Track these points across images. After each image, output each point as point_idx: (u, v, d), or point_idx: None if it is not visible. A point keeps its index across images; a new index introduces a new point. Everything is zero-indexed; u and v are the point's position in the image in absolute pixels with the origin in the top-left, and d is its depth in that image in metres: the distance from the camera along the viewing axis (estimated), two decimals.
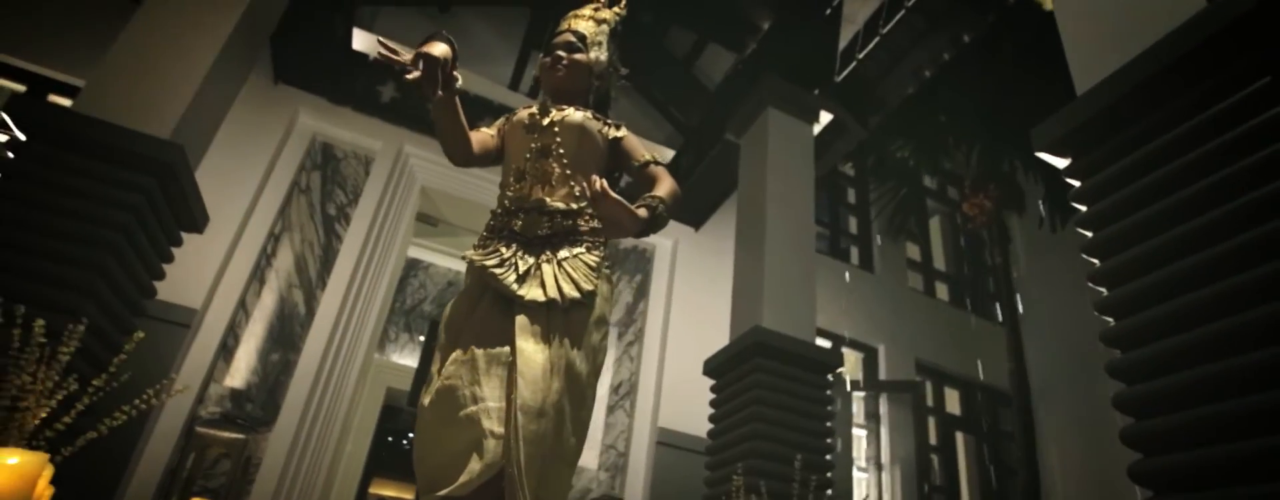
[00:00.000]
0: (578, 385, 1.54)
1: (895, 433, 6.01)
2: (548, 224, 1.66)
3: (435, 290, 6.85)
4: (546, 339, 1.52)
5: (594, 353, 1.62)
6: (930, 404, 6.63)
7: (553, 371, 1.49)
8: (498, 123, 1.90)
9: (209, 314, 3.99)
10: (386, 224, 4.79)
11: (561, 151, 1.74)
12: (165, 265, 3.04)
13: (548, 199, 1.68)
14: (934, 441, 6.33)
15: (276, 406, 3.95)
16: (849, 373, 6.77)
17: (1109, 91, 2.35)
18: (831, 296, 6.56)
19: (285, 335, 4.24)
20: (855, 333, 6.61)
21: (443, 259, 6.82)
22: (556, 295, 1.55)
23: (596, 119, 1.83)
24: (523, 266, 1.60)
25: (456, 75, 1.59)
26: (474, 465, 1.38)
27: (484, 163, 1.83)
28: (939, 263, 8.10)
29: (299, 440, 3.83)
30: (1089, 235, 2.34)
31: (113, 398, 2.18)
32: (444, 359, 1.55)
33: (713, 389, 3.93)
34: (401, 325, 6.47)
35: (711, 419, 3.82)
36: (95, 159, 2.71)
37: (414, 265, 6.76)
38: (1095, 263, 2.29)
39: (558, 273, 1.60)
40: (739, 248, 4.56)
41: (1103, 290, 2.23)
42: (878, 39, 5.14)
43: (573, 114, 1.80)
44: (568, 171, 1.72)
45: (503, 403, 1.45)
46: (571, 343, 1.54)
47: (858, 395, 6.27)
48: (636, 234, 1.62)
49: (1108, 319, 2.19)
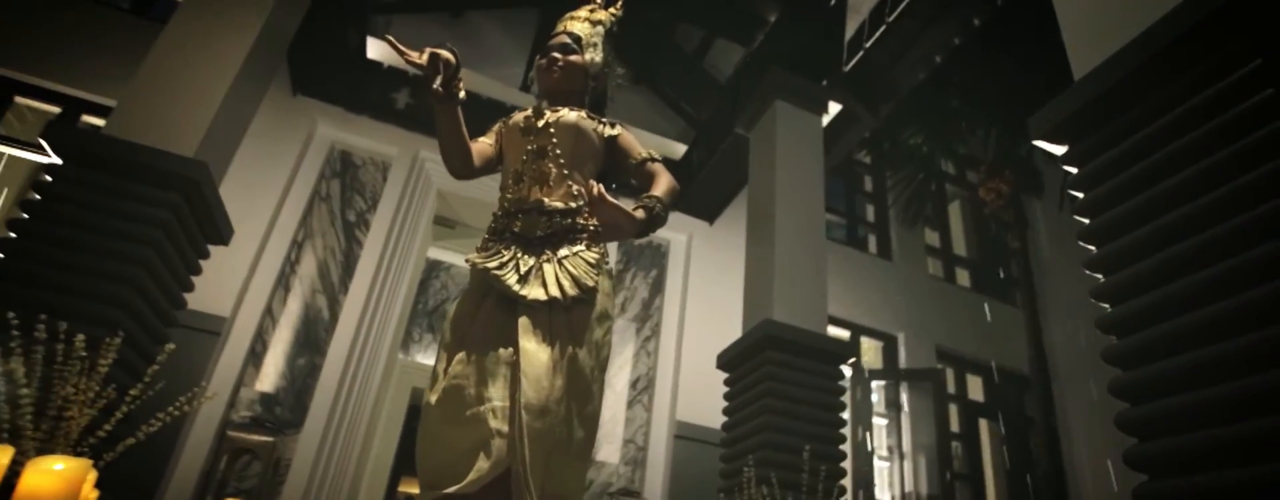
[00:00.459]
0: (582, 381, 1.56)
1: (916, 421, 6.00)
2: (547, 224, 1.69)
3: (457, 290, 6.99)
4: (549, 337, 1.55)
5: (598, 348, 1.64)
6: (952, 391, 6.61)
7: (556, 369, 1.52)
8: (495, 128, 1.93)
9: (238, 321, 4.16)
10: (405, 228, 4.92)
11: (558, 152, 1.76)
12: (194, 277, 3.19)
13: (546, 199, 1.71)
14: (957, 429, 6.32)
15: (304, 409, 4.11)
16: (868, 362, 6.77)
17: (1103, 78, 2.35)
18: (849, 285, 6.56)
19: (310, 340, 4.39)
20: (874, 321, 6.61)
21: (464, 260, 6.95)
22: (558, 294, 1.58)
23: (591, 118, 1.85)
24: (524, 267, 1.63)
25: (460, 88, 1.64)
26: (482, 464, 1.41)
27: (486, 172, 1.87)
28: (960, 248, 8.04)
29: (326, 441, 3.98)
30: (1086, 222, 2.35)
31: (150, 405, 2.32)
32: (449, 359, 1.57)
33: (726, 382, 3.99)
34: (425, 326, 6.62)
35: (725, 412, 3.89)
36: (125, 178, 2.85)
37: (435, 266, 6.91)
38: (1093, 249, 2.31)
39: (558, 271, 1.62)
40: (750, 241, 4.61)
41: (1099, 277, 2.25)
42: (884, 27, 5.12)
43: (567, 114, 1.82)
44: (565, 171, 1.74)
45: (508, 401, 1.48)
46: (574, 340, 1.57)
47: (878, 384, 6.27)
48: (636, 235, 1.65)
49: (1104, 305, 2.20)
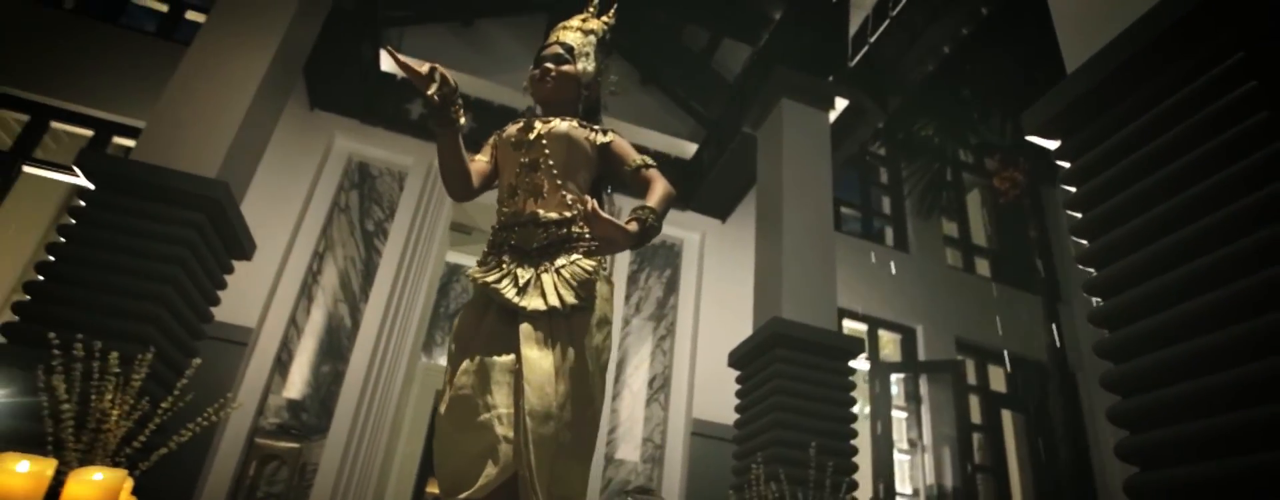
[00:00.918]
0: (584, 386, 1.61)
1: (936, 413, 6.00)
2: (543, 235, 1.72)
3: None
4: (550, 345, 1.59)
5: (598, 353, 1.68)
6: (974, 382, 6.57)
7: (558, 376, 1.56)
8: (489, 144, 1.95)
9: (264, 332, 4.33)
10: (422, 235, 5.06)
11: (550, 163, 1.78)
12: (220, 291, 3.34)
13: (541, 211, 1.74)
14: (979, 420, 6.29)
15: (329, 414, 4.27)
16: (887, 355, 6.77)
17: (1093, 71, 2.37)
18: (866, 279, 6.57)
19: (334, 347, 4.55)
20: (891, 314, 6.60)
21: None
22: (557, 303, 1.62)
23: (583, 126, 1.86)
24: (523, 278, 1.67)
25: (459, 114, 1.69)
26: (490, 470, 1.47)
27: (485, 190, 1.92)
28: (979, 238, 7.97)
29: (351, 445, 4.14)
30: (1079, 216, 2.37)
31: (182, 416, 2.46)
32: (456, 369, 1.62)
33: (737, 380, 4.05)
34: (446, 329, 6.78)
35: (737, 409, 3.95)
36: (151, 201, 3.00)
37: (456, 271, 7.05)
38: (1084, 244, 2.33)
39: (557, 281, 1.66)
40: (759, 239, 4.65)
41: (1092, 271, 2.27)
42: (889, 21, 5.12)
43: (558, 124, 1.83)
44: (558, 182, 1.77)
45: (513, 408, 1.53)
46: (575, 346, 1.61)
47: (896, 377, 6.27)
48: (631, 246, 1.68)
49: (1096, 300, 2.23)
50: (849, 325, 6.54)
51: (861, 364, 6.38)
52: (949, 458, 5.75)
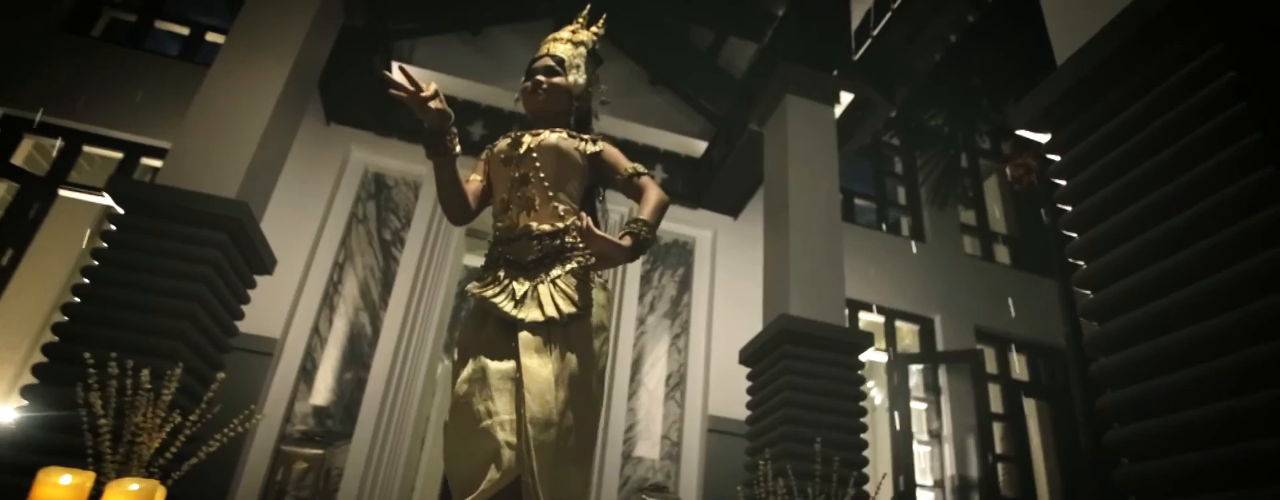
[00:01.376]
0: (582, 393, 1.66)
1: (956, 403, 5.98)
2: (537, 247, 1.76)
3: None
4: (549, 353, 1.64)
5: (595, 359, 1.72)
6: (994, 371, 6.53)
7: (558, 383, 1.62)
8: (481, 161, 1.99)
9: (288, 342, 4.50)
10: (438, 242, 5.19)
11: (541, 175, 1.81)
12: (244, 306, 3.49)
13: (534, 224, 1.77)
14: (1000, 409, 6.26)
15: (353, 420, 4.43)
16: (907, 346, 6.76)
17: (1079, 66, 2.38)
18: (882, 270, 6.56)
19: (356, 355, 4.71)
20: (909, 305, 6.59)
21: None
22: (555, 313, 1.67)
23: (573, 137, 1.89)
24: (520, 291, 1.72)
25: (455, 144, 1.75)
26: (493, 474, 1.53)
27: (483, 209, 1.97)
28: (1000, 224, 7.90)
29: (375, 449, 4.29)
30: (1069, 209, 2.39)
31: (211, 426, 2.60)
32: (459, 377, 1.68)
33: (748, 377, 4.11)
34: None
35: (748, 406, 4.00)
36: (177, 222, 3.15)
37: (472, 275, 7.20)
38: (1075, 236, 2.34)
39: (553, 291, 1.71)
40: (767, 236, 4.69)
41: (1082, 264, 2.29)
42: (892, 12, 5.11)
43: (547, 136, 1.86)
44: (549, 193, 1.80)
45: (514, 415, 1.59)
46: (573, 354, 1.66)
47: (915, 368, 6.26)
48: (626, 260, 1.72)
49: (1086, 292, 2.25)
50: (865, 317, 6.55)
51: (879, 356, 6.39)
52: (970, 448, 5.74)
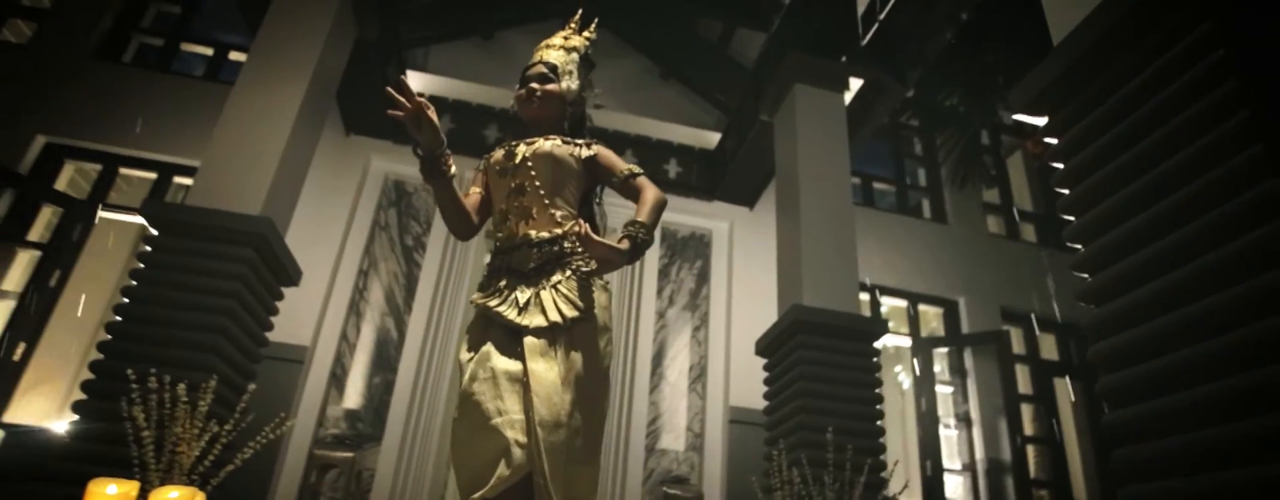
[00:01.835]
0: (589, 394, 1.71)
1: (983, 386, 5.94)
2: (537, 255, 1.80)
3: None
4: (554, 356, 1.69)
5: (600, 359, 1.76)
6: (1022, 352, 6.46)
7: (564, 385, 1.66)
8: (479, 172, 2.03)
9: (318, 349, 4.68)
10: (458, 246, 5.32)
11: (537, 183, 1.84)
12: (273, 317, 3.65)
13: (532, 232, 1.81)
14: (1029, 391, 6.19)
15: (383, 422, 4.60)
16: (932, 330, 6.71)
17: (1073, 48, 2.37)
18: (904, 254, 6.52)
19: (383, 359, 4.88)
20: (932, 288, 6.54)
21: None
22: (558, 318, 1.71)
23: (566, 143, 1.92)
24: (523, 298, 1.76)
25: (450, 165, 1.79)
26: (502, 470, 1.57)
27: (486, 220, 2.00)
28: (1025, 201, 7.76)
29: (404, 450, 4.46)
30: (1066, 192, 2.38)
31: (247, 433, 2.75)
32: (467, 376, 1.70)
33: (764, 368, 4.15)
34: None
35: (765, 397, 4.05)
36: (206, 240, 3.31)
37: None
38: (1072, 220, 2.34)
39: (556, 297, 1.75)
40: (779, 227, 4.72)
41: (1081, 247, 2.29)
42: None
43: (542, 144, 1.89)
44: (546, 201, 1.84)
45: (523, 415, 1.63)
46: (578, 356, 1.71)
47: (940, 352, 6.22)
48: (627, 263, 1.77)
49: (1083, 275, 2.25)
50: (888, 302, 6.52)
51: (903, 341, 6.36)
52: (1000, 430, 5.70)
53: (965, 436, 5.83)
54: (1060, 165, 2.44)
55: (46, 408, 4.67)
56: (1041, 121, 2.57)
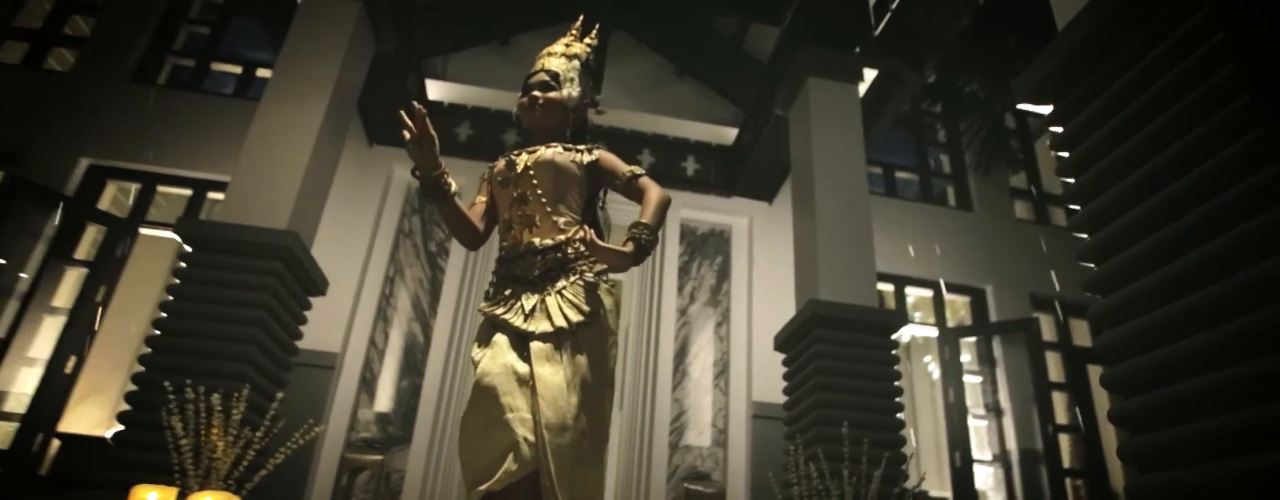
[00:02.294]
0: (594, 397, 1.76)
1: (1013, 375, 5.84)
2: (541, 262, 1.84)
3: None
4: (560, 360, 1.74)
5: (606, 362, 1.81)
6: (1054, 339, 6.34)
7: (570, 389, 1.71)
8: (483, 181, 2.08)
9: (348, 355, 4.83)
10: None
11: (539, 192, 1.88)
12: (302, 326, 3.79)
13: (536, 240, 1.86)
14: (1062, 379, 6.07)
15: (412, 425, 4.73)
16: (961, 318, 6.62)
17: (1072, 36, 2.34)
18: (928, 243, 6.44)
19: (411, 363, 5.02)
20: (957, 277, 6.45)
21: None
22: (564, 324, 1.76)
23: (567, 150, 1.95)
24: (528, 305, 1.80)
25: (449, 183, 1.86)
26: (510, 465, 1.62)
27: (492, 230, 2.07)
28: (1055, 186, 7.59)
29: (433, 451, 4.58)
30: (1072, 181, 2.36)
31: (280, 439, 2.88)
32: (478, 372, 1.76)
33: (783, 363, 4.17)
34: None
35: (784, 392, 4.06)
36: (235, 255, 3.45)
37: None
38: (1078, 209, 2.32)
39: (561, 302, 1.79)
40: (795, 221, 4.71)
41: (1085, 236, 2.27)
42: None
43: (543, 153, 1.93)
44: (548, 209, 1.88)
45: (530, 413, 1.68)
46: (584, 359, 1.75)
47: (967, 341, 6.14)
48: (632, 265, 1.79)
49: (1089, 265, 2.22)
50: (914, 292, 6.46)
51: (930, 331, 6.29)
52: (1031, 420, 5.61)
53: (995, 426, 5.75)
54: (1065, 154, 2.41)
55: (98, 417, 4.92)
56: (1046, 110, 2.55)
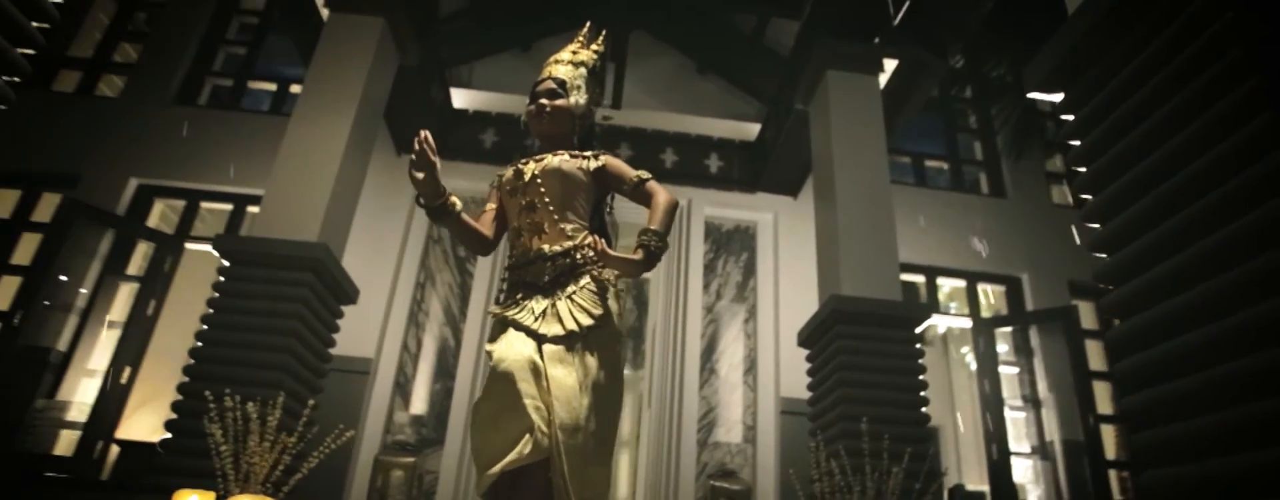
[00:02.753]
0: (605, 397, 1.80)
1: (1051, 365, 5.69)
2: (550, 268, 1.87)
3: None
4: (572, 362, 1.77)
5: (615, 362, 1.85)
6: (1094, 327, 6.14)
7: (582, 390, 1.75)
8: (492, 188, 2.11)
9: (381, 360, 4.99)
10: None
11: (547, 199, 1.91)
12: (334, 334, 3.93)
13: (545, 246, 1.89)
14: (1104, 367, 5.88)
15: (444, 427, 4.87)
16: (996, 308, 6.48)
17: (1081, 23, 2.30)
18: (960, 232, 6.32)
19: (443, 367, 5.16)
20: (991, 265, 6.31)
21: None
22: (575, 327, 1.80)
23: (574, 157, 1.98)
24: (539, 309, 1.84)
25: (451, 201, 1.91)
26: (524, 447, 1.66)
27: (502, 236, 2.11)
28: None
29: (464, 452, 4.69)
30: (1083, 170, 2.31)
31: (314, 443, 3.01)
32: (495, 359, 1.79)
33: (807, 359, 4.16)
34: None
35: (809, 388, 4.06)
36: (269, 268, 3.61)
37: None
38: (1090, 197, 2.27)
39: (571, 306, 1.83)
40: (817, 216, 4.69)
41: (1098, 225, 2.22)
42: None
43: (550, 160, 1.96)
44: (555, 216, 1.91)
45: (544, 405, 1.71)
46: (594, 361, 1.79)
47: (1003, 331, 6.00)
48: (643, 271, 1.84)
49: (1101, 255, 2.18)
50: (945, 282, 6.34)
51: (964, 322, 6.17)
52: (1072, 410, 5.45)
53: (1033, 417, 5.62)
54: (1077, 142, 2.37)
55: (153, 424, 5.18)
56: (1057, 98, 2.50)
